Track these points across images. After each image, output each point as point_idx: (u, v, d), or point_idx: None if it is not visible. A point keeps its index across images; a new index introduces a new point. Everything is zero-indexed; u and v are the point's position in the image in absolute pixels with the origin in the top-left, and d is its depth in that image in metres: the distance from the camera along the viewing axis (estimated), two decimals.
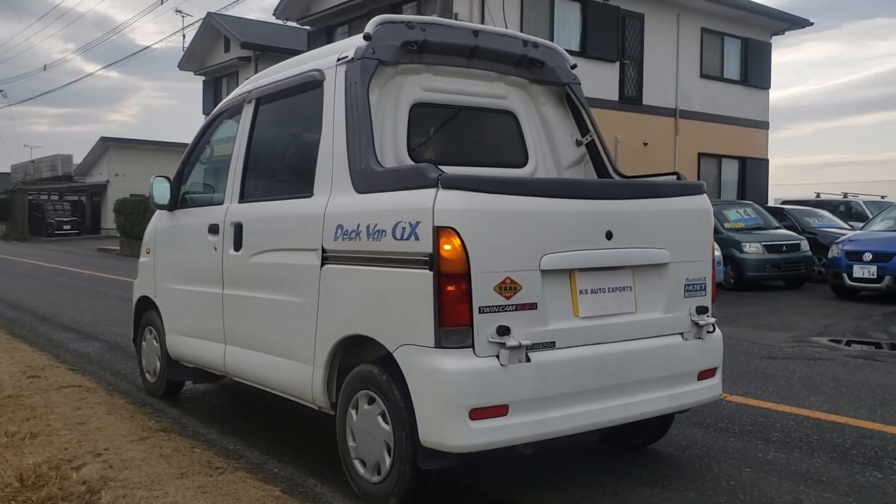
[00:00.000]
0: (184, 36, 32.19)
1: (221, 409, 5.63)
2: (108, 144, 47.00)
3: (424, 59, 4.19)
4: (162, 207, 5.44)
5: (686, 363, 3.90)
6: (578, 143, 4.70)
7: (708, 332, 3.98)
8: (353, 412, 3.74)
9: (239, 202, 4.69)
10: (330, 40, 23.20)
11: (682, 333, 3.90)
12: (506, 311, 3.30)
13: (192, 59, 32.13)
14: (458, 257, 3.21)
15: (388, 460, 3.51)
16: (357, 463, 3.72)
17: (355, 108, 3.83)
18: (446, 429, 3.24)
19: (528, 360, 3.33)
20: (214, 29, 30.29)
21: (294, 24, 24.82)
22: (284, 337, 4.18)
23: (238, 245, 4.59)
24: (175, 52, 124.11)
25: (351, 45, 4.04)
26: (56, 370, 6.44)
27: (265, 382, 4.44)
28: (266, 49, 28.47)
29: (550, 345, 3.43)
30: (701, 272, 4.00)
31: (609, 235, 3.61)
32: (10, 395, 5.50)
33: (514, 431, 3.32)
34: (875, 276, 12.67)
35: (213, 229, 4.85)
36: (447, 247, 3.21)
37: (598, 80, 19.40)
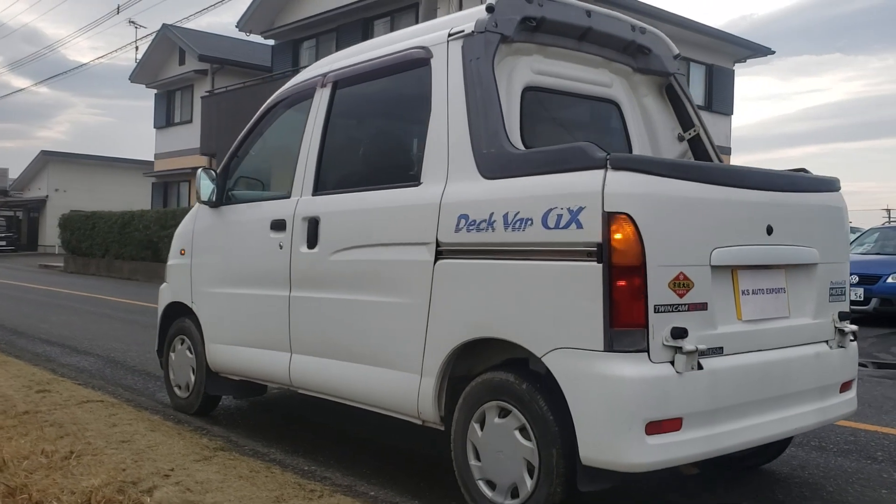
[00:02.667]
0: (136, 48, 31.35)
1: (266, 425, 5.11)
2: (48, 159, 45.35)
3: (537, 38, 3.82)
4: (207, 203, 4.93)
5: (832, 374, 3.58)
6: (681, 139, 4.38)
7: (850, 340, 3.67)
8: (476, 427, 3.31)
9: (312, 195, 4.23)
10: (295, 55, 22.76)
11: (827, 341, 3.59)
12: (679, 310, 2.93)
13: (144, 72, 31.24)
14: (634, 248, 2.83)
15: (529, 482, 3.09)
16: (482, 484, 3.28)
17: (478, 86, 3.44)
18: (619, 445, 2.83)
19: (700, 367, 2.95)
20: (170, 41, 29.51)
21: (258, 37, 24.24)
22: (379, 343, 3.73)
23: (313, 242, 4.13)
24: (110, 68, 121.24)
25: (463, 18, 3.66)
26: (63, 384, 5.83)
27: (348, 395, 3.97)
28: (224, 62, 27.84)
29: (719, 350, 3.06)
30: (842, 275, 3.70)
31: (770, 230, 3.28)
32: (27, 411, 4.90)
33: (689, 448, 2.94)
34: (862, 299, 12.67)
35: (278, 225, 4.38)
36: (619, 235, 2.83)
37: None
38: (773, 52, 24.51)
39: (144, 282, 21.39)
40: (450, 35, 3.65)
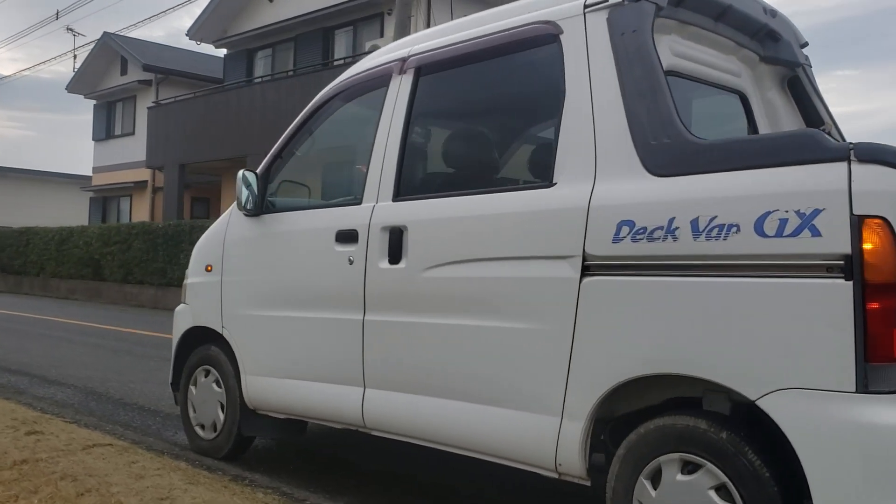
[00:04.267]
0: (74, 56, 29.99)
1: (313, 470, 4.37)
2: None
3: (679, 13, 3.24)
4: (249, 212, 4.19)
5: None
6: None
7: None
8: (646, 484, 2.67)
9: (393, 200, 3.55)
10: (250, 64, 21.92)
11: None
12: None
13: (83, 82, 29.88)
14: (893, 260, 2.25)
15: None
16: None
17: (637, 64, 2.84)
18: None
19: None
20: (111, 50, 28.28)
21: (209, 47, 23.28)
22: (497, 377, 3.08)
23: (396, 256, 3.45)
24: (34, 80, 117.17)
25: None
26: (54, 424, 4.98)
27: (449, 440, 3.29)
28: (170, 73, 26.79)
29: None
30: None
31: None
32: (25, 460, 4.06)
33: None
34: None
35: (346, 237, 3.69)
36: (872, 245, 2.24)
37: None
38: None
39: (85, 301, 20.19)
40: (586, 6, 3.04)
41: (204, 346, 4.56)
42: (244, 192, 4.11)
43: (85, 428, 4.98)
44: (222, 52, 23.57)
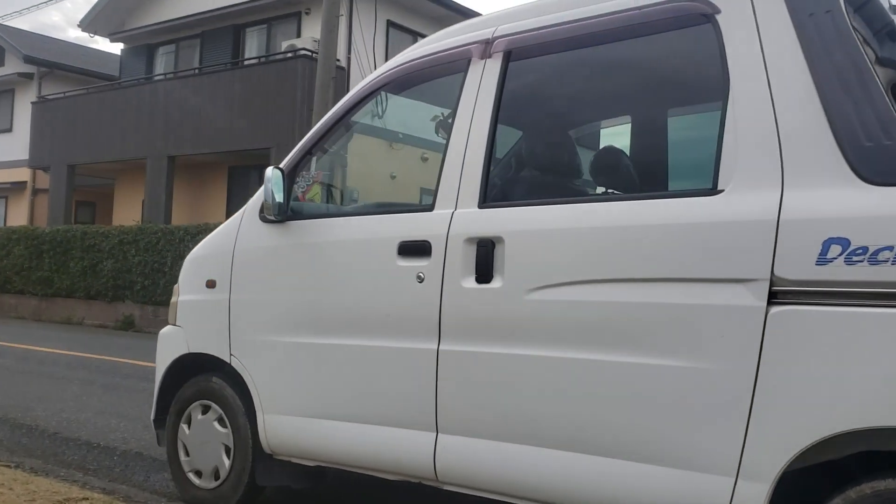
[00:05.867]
0: None
1: None
2: None
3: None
4: (279, 217, 3.47)
5: None
6: None
7: None
8: None
9: (480, 207, 2.96)
10: (150, 61, 20.64)
11: None
12: None
13: None
14: None
15: None
16: None
17: (838, 50, 2.37)
18: None
19: None
20: None
21: (105, 39, 21.75)
22: (638, 425, 2.53)
23: (486, 274, 2.86)
24: None
25: None
26: (5, 473, 4.09)
27: (557, 498, 2.71)
28: (54, 66, 24.93)
29: None
30: None
31: None
32: None
33: None
34: None
35: (415, 250, 3.06)
36: None
37: None
38: None
39: None
40: None
41: (202, 377, 3.81)
42: (274, 194, 3.40)
43: (34, 474, 4.12)
44: (118, 46, 22.08)
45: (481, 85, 3.07)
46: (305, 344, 3.38)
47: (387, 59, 17.81)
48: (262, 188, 3.64)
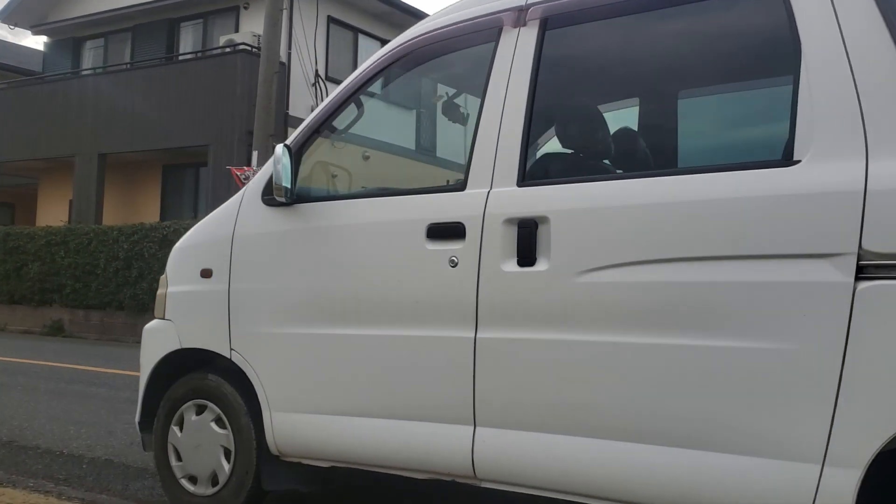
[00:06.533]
0: None
1: None
2: None
3: None
4: (286, 199, 3.20)
5: None
6: None
7: None
8: None
9: (519, 185, 2.76)
10: (77, 55, 19.83)
11: None
12: None
13: None
14: None
15: None
16: None
17: None
18: None
19: None
20: None
21: (27, 31, 20.76)
22: (717, 412, 2.37)
23: (530, 256, 2.67)
24: None
25: None
26: None
27: (619, 494, 2.54)
28: None
29: None
30: None
31: None
32: None
33: None
34: None
35: (446, 232, 2.85)
36: None
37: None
38: None
39: None
40: None
41: (195, 375, 3.52)
42: (283, 174, 3.13)
43: (0, 485, 3.76)
44: (41, 39, 21.13)
45: (515, 55, 2.88)
46: (320, 335, 3.12)
47: (328, 56, 17.54)
48: (262, 169, 3.40)
